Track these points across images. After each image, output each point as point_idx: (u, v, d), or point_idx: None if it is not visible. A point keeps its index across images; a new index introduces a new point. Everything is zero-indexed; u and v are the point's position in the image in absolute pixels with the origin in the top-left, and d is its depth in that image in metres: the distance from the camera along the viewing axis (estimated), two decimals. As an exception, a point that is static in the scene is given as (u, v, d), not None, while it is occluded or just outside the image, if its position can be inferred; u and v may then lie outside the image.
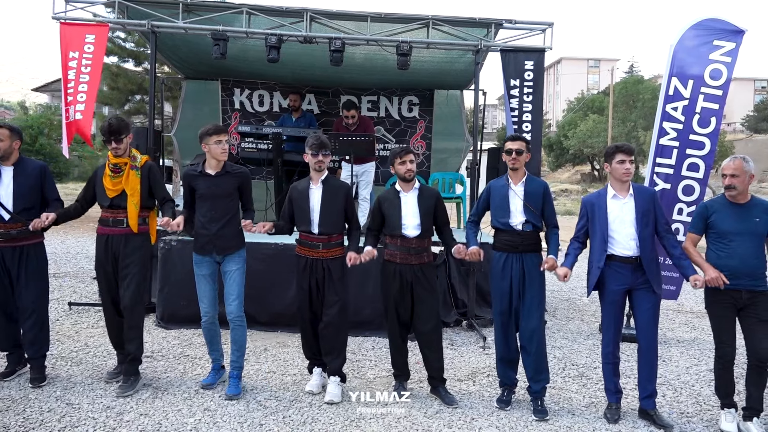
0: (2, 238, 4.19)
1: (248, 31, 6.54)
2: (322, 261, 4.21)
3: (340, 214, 4.27)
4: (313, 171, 4.26)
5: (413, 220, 4.20)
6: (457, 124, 9.40)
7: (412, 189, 4.26)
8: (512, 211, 4.12)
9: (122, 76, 16.50)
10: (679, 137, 5.90)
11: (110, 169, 4.21)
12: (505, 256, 4.13)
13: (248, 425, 3.76)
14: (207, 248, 4.19)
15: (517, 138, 4.23)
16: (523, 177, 4.17)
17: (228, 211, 4.21)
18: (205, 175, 4.20)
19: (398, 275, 4.19)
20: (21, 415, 3.77)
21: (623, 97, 38.63)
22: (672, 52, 5.96)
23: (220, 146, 4.14)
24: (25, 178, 4.28)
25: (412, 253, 4.20)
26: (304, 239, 4.24)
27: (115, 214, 4.23)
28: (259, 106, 9.34)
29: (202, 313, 4.28)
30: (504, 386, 4.30)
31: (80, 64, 6.20)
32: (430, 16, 6.63)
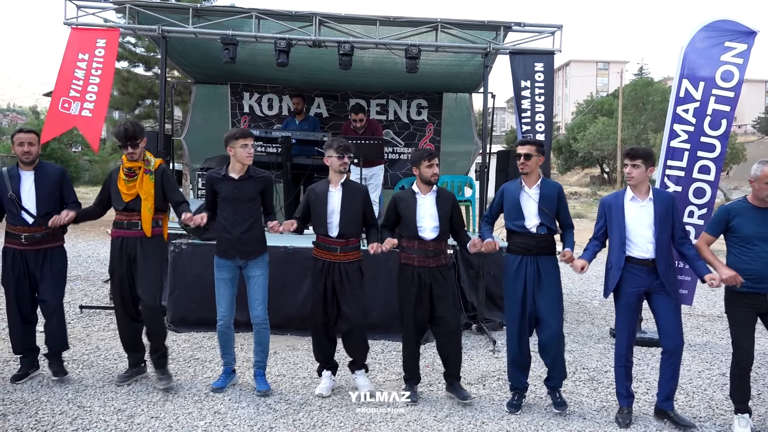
0: (27, 242, 4.25)
1: (257, 35, 6.56)
2: (339, 264, 4.21)
3: (358, 218, 4.28)
4: (335, 173, 4.26)
5: (430, 222, 4.19)
6: (466, 127, 9.39)
7: (430, 191, 4.25)
8: (526, 214, 4.12)
9: (133, 80, 16.61)
10: (690, 139, 5.86)
11: (124, 173, 4.23)
12: (519, 258, 4.12)
13: (258, 428, 3.76)
14: (230, 252, 4.18)
15: (527, 142, 4.23)
16: (537, 180, 4.18)
17: (251, 215, 4.21)
18: (228, 179, 4.19)
19: (416, 278, 4.18)
20: (33, 417, 3.79)
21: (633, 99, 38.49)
22: (683, 54, 5.92)
23: (246, 150, 4.13)
24: (45, 182, 4.34)
25: (429, 256, 4.19)
26: (322, 242, 4.25)
27: (129, 217, 4.25)
28: (269, 109, 9.38)
29: (218, 316, 4.26)
30: (515, 390, 4.28)
31: (90, 66, 6.23)
32: (439, 19, 6.63)
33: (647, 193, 4.01)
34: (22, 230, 4.24)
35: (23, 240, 4.25)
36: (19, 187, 4.26)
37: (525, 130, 6.53)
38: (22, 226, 4.24)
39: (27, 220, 4.24)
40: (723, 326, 6.78)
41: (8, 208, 4.27)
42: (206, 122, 9.25)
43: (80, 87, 6.21)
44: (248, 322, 5.76)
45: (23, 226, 4.24)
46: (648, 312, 6.47)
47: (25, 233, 4.25)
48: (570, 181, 46.03)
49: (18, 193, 4.24)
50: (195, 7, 6.69)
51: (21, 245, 4.26)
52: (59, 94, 6.18)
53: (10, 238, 4.29)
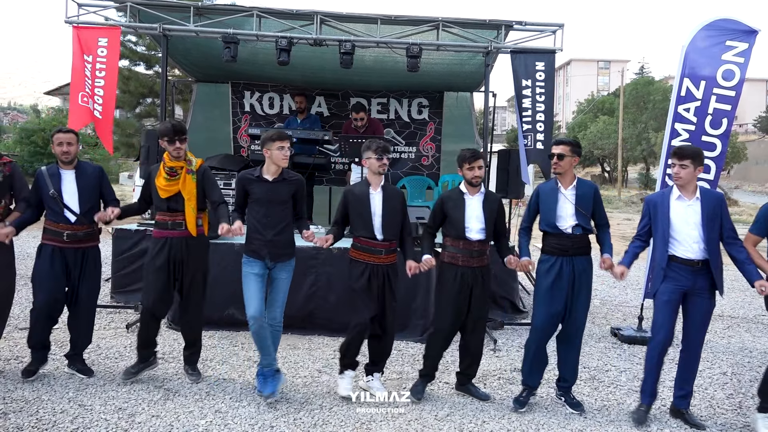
0: (68, 239, 4.27)
1: (258, 34, 6.56)
2: (382, 267, 4.18)
3: (399, 220, 4.25)
4: (374, 175, 4.21)
5: (477, 224, 4.16)
6: (467, 126, 9.38)
7: (477, 193, 4.22)
8: (562, 215, 4.08)
9: (133, 79, 16.65)
10: (691, 138, 5.86)
11: (166, 172, 4.20)
12: (554, 259, 4.08)
13: (259, 427, 3.76)
14: (260, 253, 4.12)
15: (561, 142, 4.19)
16: (573, 180, 4.15)
17: (283, 218, 4.17)
18: (262, 180, 4.13)
19: (459, 278, 4.14)
20: (34, 416, 3.79)
21: (634, 98, 38.48)
22: (684, 53, 5.92)
23: (282, 152, 4.07)
24: (86, 180, 4.37)
25: (474, 256, 4.16)
26: (365, 245, 4.17)
27: (173, 217, 4.24)
28: (270, 108, 9.38)
29: (249, 315, 4.07)
30: (527, 387, 4.26)
31: (94, 68, 6.26)
32: (440, 18, 6.62)
33: (694, 192, 3.94)
34: (65, 228, 4.26)
35: (65, 237, 4.26)
36: (60, 185, 4.29)
37: (525, 129, 6.52)
38: (65, 224, 4.26)
39: (69, 218, 4.26)
40: (723, 326, 6.78)
41: (50, 206, 4.28)
42: (207, 121, 9.25)
43: (89, 90, 6.26)
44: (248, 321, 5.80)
45: (66, 224, 4.26)
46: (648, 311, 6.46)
47: (67, 231, 4.26)
48: (571, 180, 45.98)
49: (59, 192, 4.26)
50: (196, 6, 6.69)
51: (62, 242, 4.27)
52: (77, 88, 6.24)
53: (49, 234, 4.30)
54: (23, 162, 19.85)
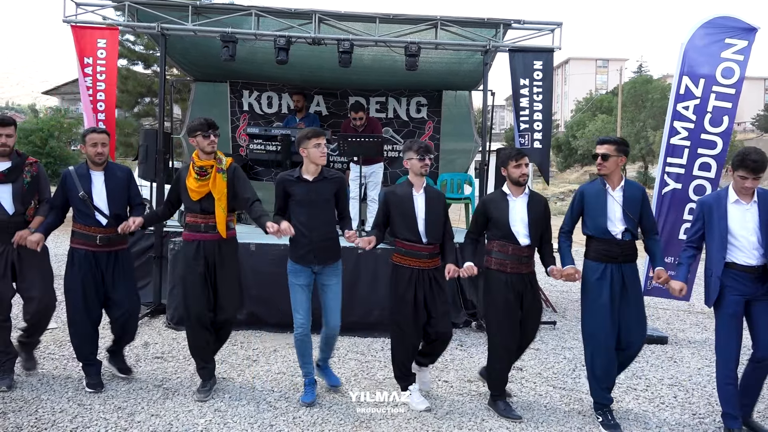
0: (101, 243, 4.19)
1: (257, 33, 6.55)
2: (428, 271, 4.06)
3: (442, 223, 4.12)
4: (416, 176, 4.10)
5: (523, 227, 3.96)
6: (466, 125, 9.36)
7: (522, 194, 4.02)
8: (611, 219, 3.87)
9: (132, 78, 16.60)
10: (690, 136, 5.87)
11: (195, 171, 4.10)
12: (603, 266, 3.87)
13: (258, 426, 3.76)
14: (307, 258, 4.02)
15: (605, 141, 3.97)
16: (620, 181, 3.94)
17: (328, 218, 4.10)
18: (302, 181, 4.04)
19: (509, 286, 3.94)
20: (33, 415, 3.79)
21: (632, 96, 38.45)
22: (683, 51, 5.92)
23: (320, 150, 3.98)
24: (115, 182, 4.28)
25: (523, 262, 3.97)
26: (410, 249, 4.03)
27: (206, 220, 4.14)
28: (268, 107, 9.36)
29: (296, 324, 4.06)
30: (604, 408, 3.96)
31: (95, 71, 6.24)
32: (439, 16, 6.61)
33: (752, 195, 3.70)
34: (97, 231, 4.18)
35: (98, 241, 4.18)
36: (90, 187, 4.19)
37: (522, 129, 6.52)
38: (96, 227, 4.18)
39: (101, 221, 4.18)
40: (723, 323, 6.78)
41: (79, 209, 4.19)
42: (206, 120, 9.22)
43: (91, 96, 6.22)
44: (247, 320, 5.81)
45: (97, 227, 4.18)
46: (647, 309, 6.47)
47: (100, 234, 4.18)
48: (569, 179, 46.00)
49: (89, 194, 4.18)
50: (194, 5, 6.68)
51: (95, 246, 4.18)
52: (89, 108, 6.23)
53: (80, 238, 4.20)
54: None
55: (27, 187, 4.19)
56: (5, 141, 4.11)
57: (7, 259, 4.15)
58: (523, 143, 6.51)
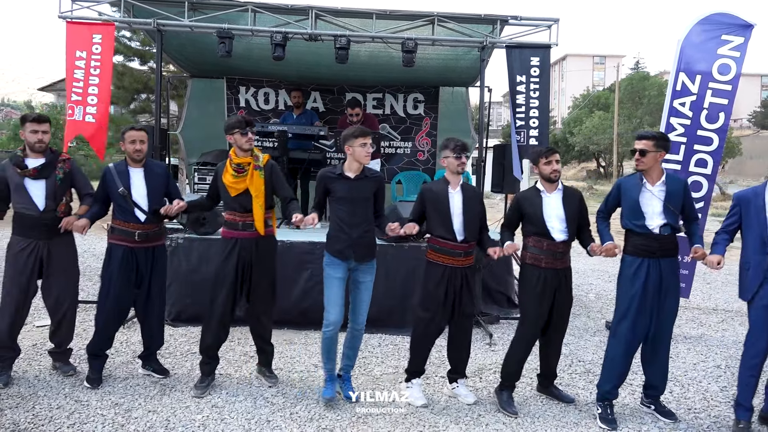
0: (139, 239, 4.21)
1: (253, 29, 6.53)
2: (461, 270, 4.05)
3: (478, 221, 4.11)
4: (453, 174, 4.08)
5: (559, 223, 4.00)
6: (463, 122, 9.37)
7: (555, 190, 4.06)
8: (649, 214, 3.86)
9: (128, 75, 16.55)
10: (686, 133, 5.88)
11: (233, 168, 4.13)
12: (639, 261, 3.86)
13: (255, 422, 3.77)
14: (346, 253, 3.99)
15: (644, 136, 3.96)
16: (661, 176, 3.91)
17: (367, 216, 4.07)
18: (344, 178, 4.03)
19: (543, 280, 3.98)
20: (30, 411, 3.79)
21: (629, 93, 38.52)
22: (679, 48, 5.93)
23: (365, 149, 3.96)
24: (154, 179, 4.31)
25: (558, 258, 4.00)
26: (444, 246, 4.02)
27: (244, 218, 4.15)
28: (265, 104, 9.35)
29: (327, 320, 4.00)
30: (606, 402, 4.00)
31: (89, 65, 6.17)
32: (436, 12, 6.61)
33: None
34: (136, 227, 4.20)
35: (136, 238, 4.20)
36: (129, 183, 4.22)
37: (518, 126, 6.53)
38: (135, 224, 4.20)
39: (140, 217, 4.20)
40: (718, 319, 6.81)
41: (119, 204, 4.22)
42: (202, 117, 9.21)
43: (81, 90, 6.09)
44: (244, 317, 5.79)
45: (136, 224, 4.20)
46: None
47: (138, 230, 4.20)
48: (566, 175, 46.07)
49: (129, 190, 4.20)
50: (190, 1, 6.64)
51: (133, 242, 4.20)
52: (69, 99, 6.10)
53: (119, 234, 4.23)
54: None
55: (59, 183, 4.22)
56: (41, 137, 4.16)
57: (36, 255, 4.18)
58: (519, 140, 6.52)
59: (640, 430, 3.86)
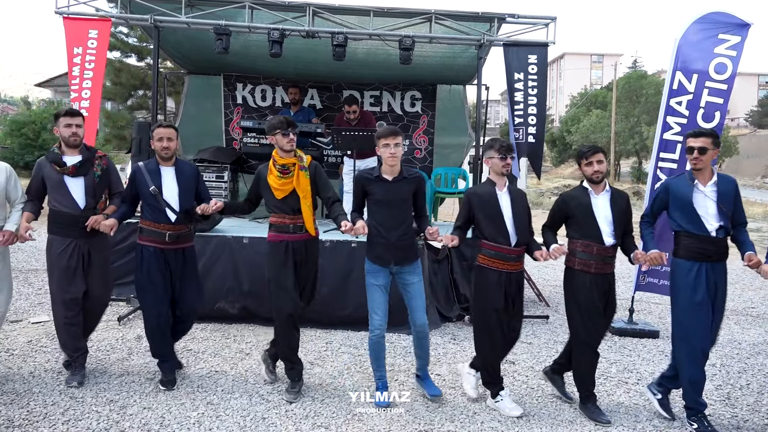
0: (170, 240, 4.13)
1: (251, 25, 6.53)
2: (514, 275, 3.92)
3: (527, 222, 3.99)
4: (498, 175, 3.95)
5: (607, 225, 3.86)
6: (460, 119, 9.36)
7: (603, 191, 3.92)
8: (704, 216, 3.71)
9: (125, 71, 16.52)
10: (683, 132, 5.87)
11: (277, 170, 4.05)
12: (698, 266, 3.71)
13: (251, 419, 3.77)
14: (385, 258, 3.94)
15: (701, 133, 3.78)
16: (712, 176, 3.76)
17: (405, 218, 4.00)
18: (382, 180, 3.96)
19: (595, 287, 3.86)
20: (25, 408, 3.78)
21: (626, 92, 38.56)
22: (676, 47, 5.93)
23: (388, 150, 3.88)
24: (184, 178, 4.23)
25: (607, 262, 3.88)
26: (498, 251, 3.85)
27: (295, 220, 4.07)
28: (262, 101, 9.33)
29: (373, 326, 3.97)
30: (700, 415, 3.81)
31: (84, 60, 6.19)
32: (433, 10, 6.61)
33: None
34: (167, 228, 4.11)
35: (167, 239, 4.12)
36: (160, 182, 4.13)
37: (517, 123, 6.54)
38: (166, 224, 4.11)
39: (171, 217, 4.12)
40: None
41: (149, 204, 4.13)
42: (199, 113, 9.19)
43: (77, 85, 6.15)
44: (240, 314, 5.79)
45: (167, 224, 4.11)
46: (639, 304, 6.53)
47: (169, 231, 4.11)
48: (564, 173, 46.13)
49: (160, 189, 4.12)
50: (187, -3, 6.64)
51: (164, 243, 4.12)
52: (74, 99, 6.14)
53: (149, 235, 4.14)
54: (13, 155, 19.66)
55: (98, 180, 4.20)
56: (75, 131, 4.11)
57: (80, 254, 4.15)
58: (517, 137, 6.52)
59: (635, 427, 3.87)
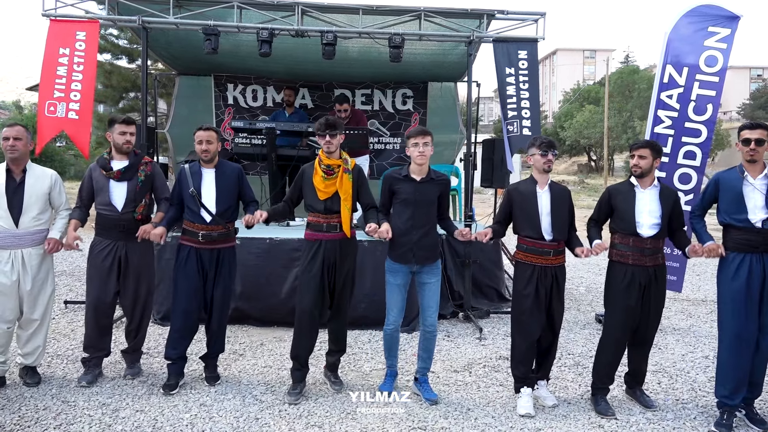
0: (203, 240, 4.19)
1: (239, 25, 6.49)
2: (551, 269, 3.96)
3: (567, 220, 4.02)
4: (539, 173, 3.99)
5: (649, 218, 3.91)
6: (452, 117, 9.36)
7: (651, 185, 3.97)
8: (750, 207, 3.71)
9: (116, 73, 16.45)
10: (674, 125, 5.89)
11: (323, 170, 4.07)
12: (742, 256, 3.73)
13: (244, 419, 3.75)
14: (407, 257, 3.98)
15: (758, 125, 3.79)
16: (764, 169, 3.76)
17: (430, 219, 4.04)
18: (410, 180, 4.00)
19: (630, 278, 3.92)
20: (17, 413, 3.76)
21: (619, 87, 38.65)
22: (666, 41, 5.94)
23: (417, 149, 3.92)
24: (225, 180, 4.30)
25: (646, 254, 3.91)
26: (532, 245, 3.94)
27: (329, 219, 4.09)
28: (253, 101, 9.31)
29: (388, 321, 4.08)
30: (727, 409, 3.79)
31: (72, 62, 6.08)
32: (422, 7, 6.59)
33: None
34: (200, 228, 4.19)
35: (200, 238, 4.18)
36: (200, 184, 4.23)
37: (510, 117, 6.49)
38: (200, 224, 4.20)
39: (205, 218, 4.20)
40: (707, 310, 6.84)
41: (188, 205, 4.24)
42: (190, 114, 9.15)
43: (64, 86, 6.01)
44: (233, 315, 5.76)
45: (201, 224, 4.20)
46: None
47: (202, 231, 4.19)
48: (558, 169, 46.17)
49: (198, 190, 4.21)
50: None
51: (198, 243, 4.19)
52: (44, 96, 5.97)
53: (186, 235, 4.25)
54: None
55: (140, 185, 4.29)
56: (129, 139, 4.26)
57: (115, 256, 4.25)
58: (512, 131, 6.49)
59: (628, 420, 3.87)
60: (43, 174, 4.21)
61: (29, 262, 4.12)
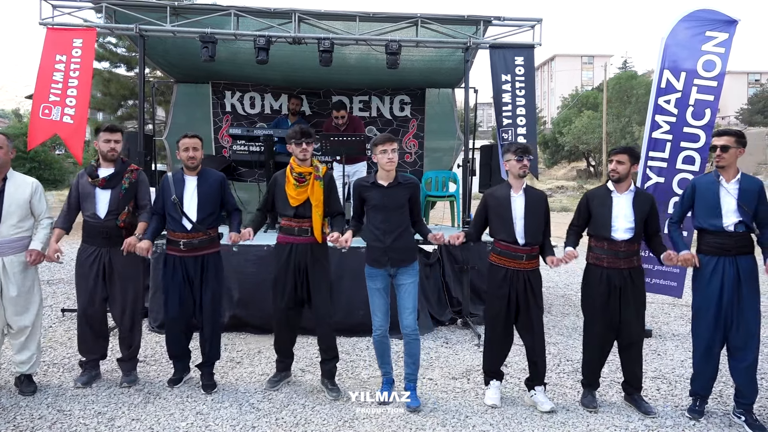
0: (185, 248, 4.22)
1: (236, 33, 6.51)
2: (523, 273, 4.03)
3: (542, 225, 4.08)
4: (515, 178, 4.09)
5: (624, 222, 3.99)
6: (450, 123, 9.37)
7: (627, 190, 4.06)
8: (724, 212, 3.83)
9: (114, 81, 16.47)
10: (672, 130, 5.88)
11: (294, 178, 4.17)
12: (716, 260, 3.84)
13: (241, 428, 3.73)
14: (381, 261, 4.05)
15: (725, 132, 3.96)
16: (736, 174, 3.89)
17: (401, 222, 4.08)
18: (377, 186, 4.07)
19: (606, 280, 4.00)
20: (11, 422, 3.73)
21: (617, 92, 38.69)
22: (663, 46, 5.94)
23: (386, 156, 3.98)
24: (207, 188, 4.32)
25: (620, 257, 3.99)
26: (506, 249, 4.04)
27: (300, 223, 4.21)
28: (251, 108, 9.31)
29: (375, 326, 4.13)
30: (698, 396, 4.04)
31: (68, 68, 6.10)
32: (419, 14, 6.61)
33: None
34: (181, 236, 4.22)
35: (181, 246, 4.22)
36: (182, 191, 4.26)
37: (505, 124, 6.52)
38: (181, 232, 4.22)
39: (186, 225, 4.22)
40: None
41: (170, 213, 4.26)
42: (188, 122, 9.14)
43: (59, 91, 6.03)
44: (230, 323, 5.74)
45: (182, 232, 4.22)
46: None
47: (183, 239, 4.22)
48: (556, 175, 46.21)
49: (180, 198, 4.23)
50: (173, 6, 6.62)
51: (180, 251, 4.23)
52: (39, 99, 5.99)
53: (170, 244, 4.29)
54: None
55: (124, 193, 4.31)
56: (113, 146, 4.29)
57: (100, 262, 4.29)
58: (506, 138, 6.50)
59: (627, 427, 3.83)
60: (23, 182, 4.20)
61: (11, 269, 4.10)
